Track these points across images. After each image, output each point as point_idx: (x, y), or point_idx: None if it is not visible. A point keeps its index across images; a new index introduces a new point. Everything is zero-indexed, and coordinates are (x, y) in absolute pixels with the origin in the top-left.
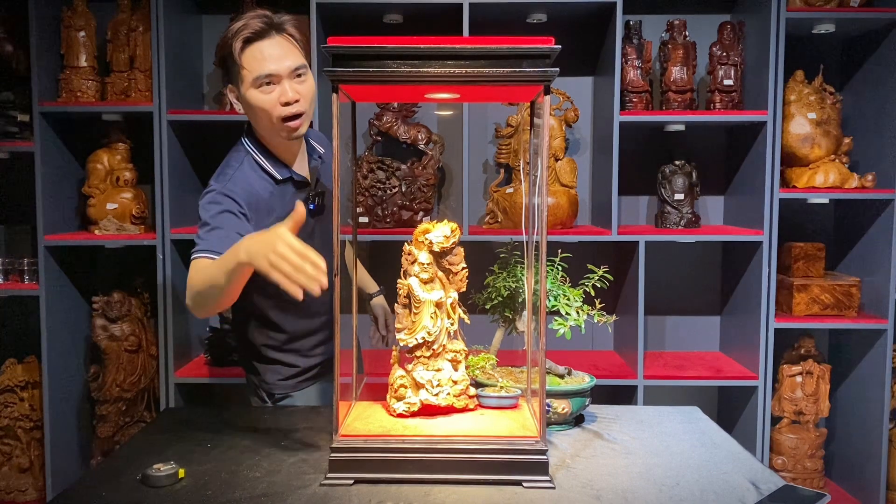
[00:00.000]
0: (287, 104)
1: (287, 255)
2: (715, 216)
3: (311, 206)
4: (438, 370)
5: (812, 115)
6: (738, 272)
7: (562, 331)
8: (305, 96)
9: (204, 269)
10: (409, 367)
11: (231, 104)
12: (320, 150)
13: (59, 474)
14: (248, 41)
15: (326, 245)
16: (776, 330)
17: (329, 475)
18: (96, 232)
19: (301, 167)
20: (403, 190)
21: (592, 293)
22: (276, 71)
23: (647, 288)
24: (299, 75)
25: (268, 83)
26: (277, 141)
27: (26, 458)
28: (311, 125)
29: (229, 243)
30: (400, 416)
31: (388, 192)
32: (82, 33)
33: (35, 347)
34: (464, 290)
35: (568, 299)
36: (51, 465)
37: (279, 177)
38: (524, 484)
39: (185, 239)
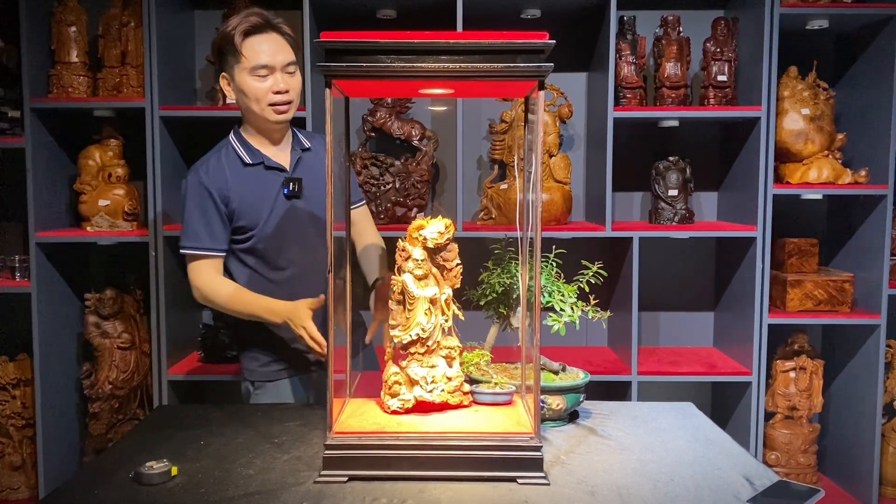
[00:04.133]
0: (278, 93)
1: (302, 334)
2: (709, 212)
3: (286, 191)
4: (433, 367)
5: (805, 111)
6: (731, 268)
7: (556, 327)
8: (294, 88)
9: (230, 298)
10: (404, 363)
11: (223, 98)
12: (307, 143)
13: (51, 472)
14: (247, 33)
15: (313, 229)
16: (770, 325)
17: (323, 472)
18: (88, 229)
19: (282, 156)
20: (397, 186)
21: (587, 289)
22: (271, 62)
23: (641, 284)
24: (290, 70)
25: (262, 73)
26: (264, 127)
27: (18, 456)
28: (304, 126)
29: (215, 236)
30: (394, 412)
31: (382, 188)
32: (73, 28)
33: (27, 345)
34: (458, 286)
35: (562, 295)
36: (43, 462)
37: (248, 160)
38: (519, 480)
39: (177, 236)
